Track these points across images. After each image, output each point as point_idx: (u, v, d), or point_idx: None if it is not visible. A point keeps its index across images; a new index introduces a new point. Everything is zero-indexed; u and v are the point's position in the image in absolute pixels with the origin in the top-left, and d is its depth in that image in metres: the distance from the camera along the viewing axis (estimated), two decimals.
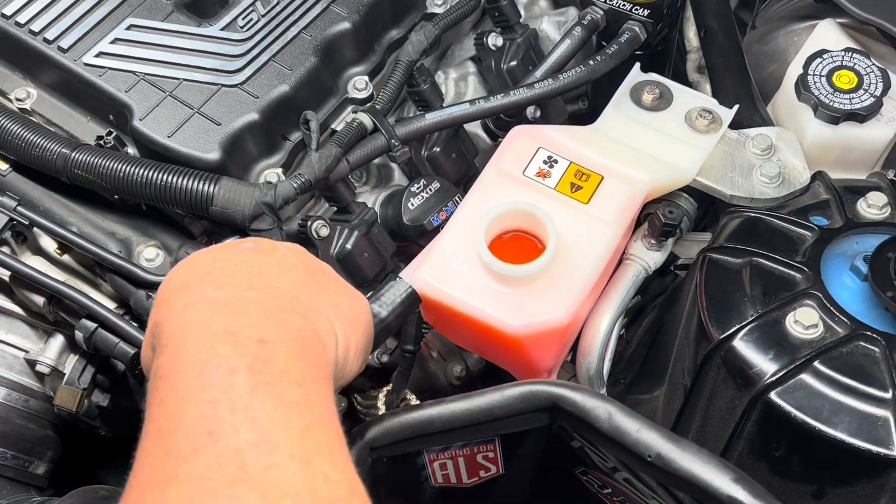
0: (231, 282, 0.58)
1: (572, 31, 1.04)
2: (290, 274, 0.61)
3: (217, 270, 0.59)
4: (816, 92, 0.95)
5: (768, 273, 0.84)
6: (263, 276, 0.60)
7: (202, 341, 0.53)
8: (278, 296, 0.58)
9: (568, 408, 0.74)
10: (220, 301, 0.56)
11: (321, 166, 0.89)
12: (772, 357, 0.77)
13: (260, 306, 0.56)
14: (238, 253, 0.62)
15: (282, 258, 0.63)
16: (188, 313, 0.56)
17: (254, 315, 0.55)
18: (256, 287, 0.58)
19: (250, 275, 0.59)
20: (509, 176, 0.90)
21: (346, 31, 0.97)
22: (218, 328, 0.54)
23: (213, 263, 0.60)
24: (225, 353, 0.52)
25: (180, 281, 0.60)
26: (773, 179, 0.93)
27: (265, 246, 0.64)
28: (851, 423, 0.73)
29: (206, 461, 0.47)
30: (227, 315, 0.55)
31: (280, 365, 0.53)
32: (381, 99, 0.97)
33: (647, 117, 0.97)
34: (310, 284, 0.62)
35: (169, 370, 0.52)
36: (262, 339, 0.54)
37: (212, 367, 0.51)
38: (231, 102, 0.91)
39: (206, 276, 0.59)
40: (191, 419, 0.49)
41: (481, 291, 0.84)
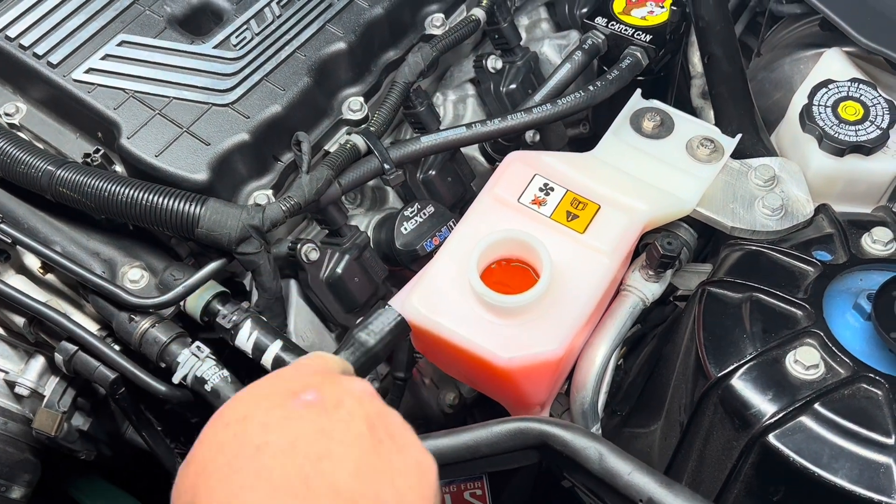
0: (285, 479, 0.50)
1: (573, 56, 1.02)
2: (355, 449, 0.53)
3: (270, 449, 0.52)
4: (821, 123, 0.93)
5: (769, 309, 0.81)
6: (323, 463, 0.51)
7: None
8: (337, 496, 0.50)
9: (557, 447, 0.71)
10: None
11: (311, 189, 0.87)
12: (771, 398, 0.75)
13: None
14: (295, 416, 0.53)
15: (349, 422, 0.54)
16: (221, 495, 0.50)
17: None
18: (313, 490, 0.50)
19: (307, 459, 0.51)
20: (504, 203, 0.88)
21: (342, 51, 0.96)
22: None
23: (266, 434, 0.53)
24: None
25: (227, 449, 0.52)
26: (775, 211, 0.90)
27: (329, 401, 0.55)
28: (852, 469, 0.71)
29: None
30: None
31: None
32: (376, 121, 0.95)
33: (647, 145, 0.94)
34: (374, 464, 0.53)
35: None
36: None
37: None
38: (221, 122, 0.89)
39: (256, 454, 0.51)
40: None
41: (472, 322, 0.82)
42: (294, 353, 0.84)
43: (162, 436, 0.92)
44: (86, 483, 1.06)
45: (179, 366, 0.83)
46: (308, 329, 0.95)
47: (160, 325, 0.86)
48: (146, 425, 0.91)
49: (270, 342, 0.84)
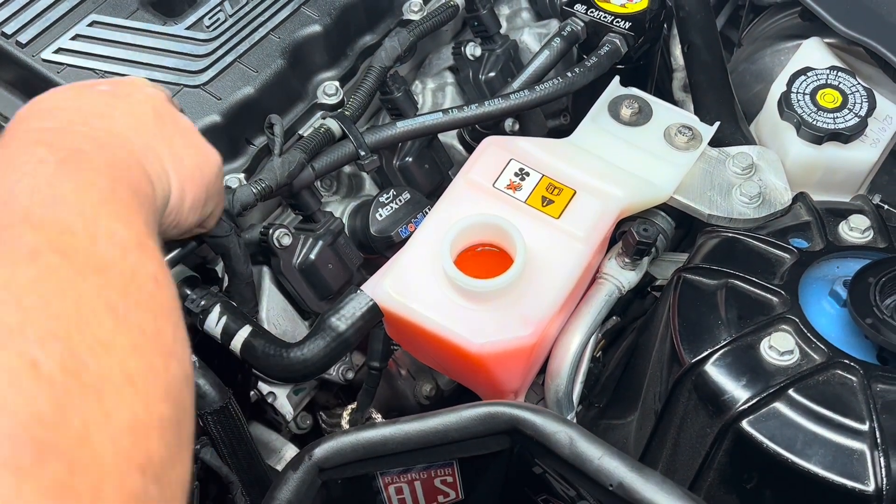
0: (67, 117, 0.57)
1: (551, 43, 1.01)
2: (134, 119, 0.61)
3: (60, 109, 0.58)
4: (800, 110, 0.92)
5: (744, 296, 0.80)
6: (104, 119, 0.59)
7: (20, 141, 0.53)
8: (111, 134, 0.58)
9: (528, 431, 0.70)
10: (49, 129, 0.55)
11: (283, 171, 0.86)
12: (744, 384, 0.74)
13: (86, 136, 0.56)
14: (87, 94, 0.61)
15: (133, 104, 0.62)
16: (18, 131, 0.55)
17: (76, 138, 0.55)
18: (90, 125, 0.57)
19: (90, 115, 0.58)
20: (479, 187, 0.87)
21: (317, 34, 0.94)
22: (39, 137, 0.53)
23: (59, 102, 0.59)
24: (39, 153, 0.51)
25: (22, 114, 0.58)
26: (752, 199, 0.89)
27: (121, 90, 0.63)
28: (826, 455, 0.70)
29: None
30: (50, 136, 0.54)
31: (94, 165, 0.52)
32: (351, 105, 0.94)
33: (624, 132, 0.94)
34: (152, 132, 0.61)
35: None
36: (78, 149, 0.53)
37: (22, 160, 0.50)
38: (192, 103, 0.88)
39: (48, 111, 0.58)
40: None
41: (445, 307, 0.81)
42: (264, 337, 0.83)
43: None
44: None
45: None
46: (280, 316, 0.94)
47: None
48: None
49: (239, 327, 0.83)
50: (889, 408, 0.71)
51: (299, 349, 0.81)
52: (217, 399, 0.80)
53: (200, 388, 0.80)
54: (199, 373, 0.81)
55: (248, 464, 0.84)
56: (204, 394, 0.80)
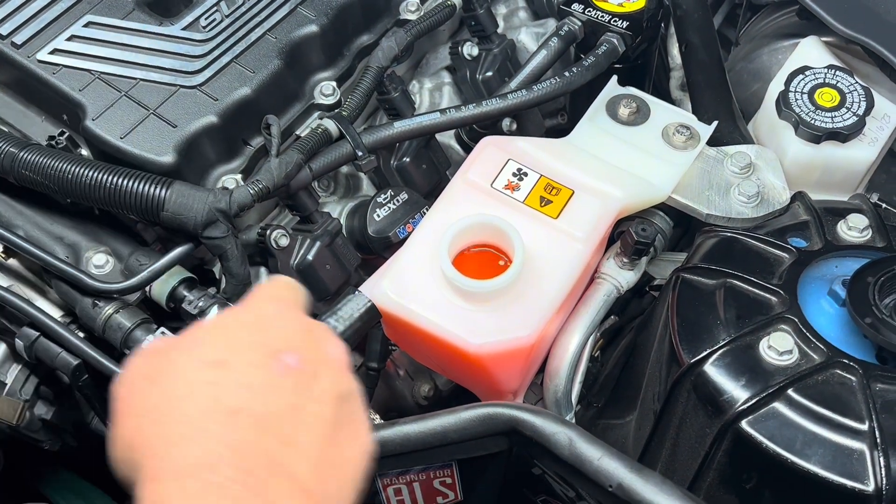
0: (252, 458, 0.50)
1: (549, 42, 1.01)
2: (319, 443, 0.52)
3: (245, 418, 0.51)
4: (798, 109, 0.92)
5: (743, 295, 0.80)
6: (289, 450, 0.51)
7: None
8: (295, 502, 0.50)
9: (527, 432, 0.70)
10: (237, 499, 0.48)
11: (280, 173, 0.85)
12: (744, 384, 0.74)
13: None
14: (276, 388, 0.52)
15: (319, 403, 0.53)
16: (200, 496, 0.48)
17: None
18: (276, 479, 0.50)
19: (275, 445, 0.51)
20: (477, 188, 0.87)
21: (314, 34, 0.94)
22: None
23: (242, 399, 0.51)
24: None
25: (199, 399, 0.51)
26: (751, 199, 0.89)
27: (308, 371, 0.54)
28: (825, 455, 0.70)
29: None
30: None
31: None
32: (349, 105, 0.93)
33: (622, 132, 0.93)
34: (330, 461, 0.53)
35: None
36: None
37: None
38: (189, 104, 0.87)
39: (230, 419, 0.50)
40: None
41: (443, 307, 0.81)
42: None
43: None
44: (50, 474, 1.04)
45: None
46: None
47: (125, 310, 0.84)
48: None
49: None
50: (888, 407, 0.71)
51: None
52: None
53: None
54: None
55: None
56: None
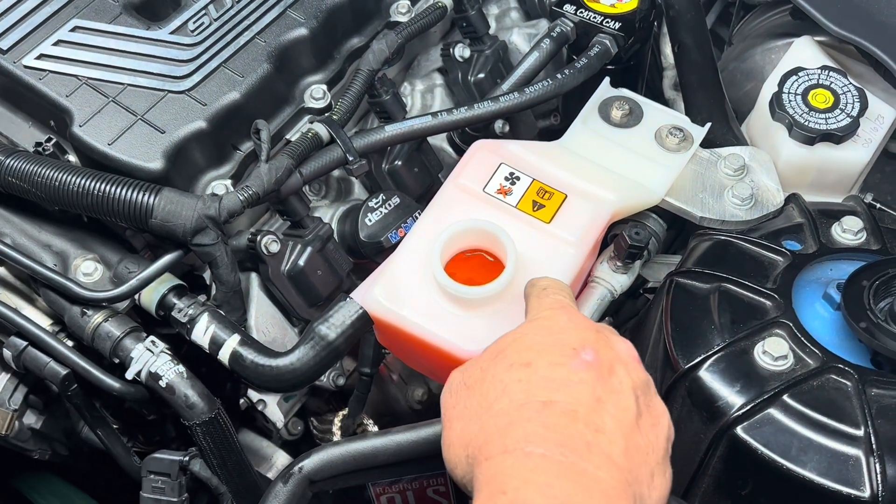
0: (569, 439, 0.56)
1: (541, 44, 1.00)
2: (624, 429, 0.58)
3: (557, 408, 0.57)
4: (791, 111, 0.92)
5: (737, 300, 0.79)
6: (600, 436, 0.57)
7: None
8: (612, 476, 0.56)
9: None
10: (562, 467, 0.55)
11: (271, 178, 0.84)
12: (739, 389, 0.73)
13: (600, 490, 0.55)
14: (578, 382, 0.59)
15: (618, 394, 0.59)
16: (530, 465, 0.55)
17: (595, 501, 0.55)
18: (593, 456, 0.56)
19: (588, 431, 0.57)
20: (469, 192, 0.86)
21: (303, 37, 0.93)
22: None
23: (551, 392, 0.58)
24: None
25: (513, 395, 0.59)
26: (745, 201, 0.89)
27: (604, 365, 0.60)
28: (821, 461, 0.69)
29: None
30: (569, 489, 0.54)
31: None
32: (339, 109, 0.93)
33: (615, 134, 0.93)
34: (637, 446, 0.59)
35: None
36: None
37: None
38: (177, 109, 0.87)
39: (543, 409, 0.57)
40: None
41: (436, 314, 0.80)
42: (252, 347, 0.82)
43: (118, 434, 0.90)
44: (40, 482, 1.03)
45: (133, 361, 0.81)
46: (269, 324, 0.93)
47: (113, 319, 0.83)
48: (101, 423, 0.88)
49: (227, 336, 0.82)
50: (884, 412, 0.70)
51: (288, 359, 0.80)
52: (205, 410, 0.79)
53: (188, 399, 0.79)
54: (187, 383, 0.80)
55: (238, 474, 0.83)
56: (192, 405, 0.79)
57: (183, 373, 0.80)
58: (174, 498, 0.81)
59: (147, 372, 0.80)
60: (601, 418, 0.58)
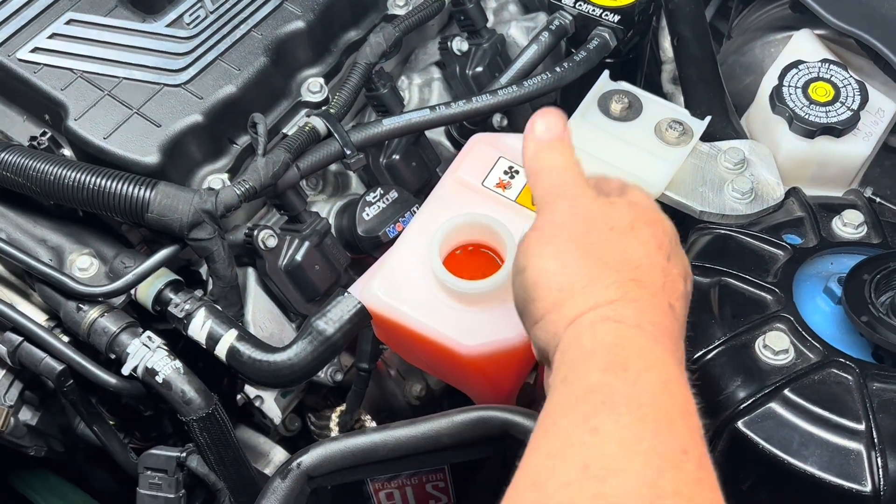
0: (654, 246, 0.64)
1: (539, 37, 0.99)
2: (667, 247, 0.66)
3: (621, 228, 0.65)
4: (791, 104, 0.91)
5: (738, 294, 0.79)
6: (662, 244, 0.65)
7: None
8: (664, 319, 0.62)
9: (521, 436, 0.69)
10: (627, 325, 0.60)
11: (268, 172, 0.84)
12: (740, 384, 0.73)
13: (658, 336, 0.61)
14: (619, 205, 0.67)
15: (654, 234, 0.66)
16: (596, 331, 0.60)
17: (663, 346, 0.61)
18: (672, 260, 0.64)
19: (654, 241, 0.65)
20: (468, 186, 0.86)
21: (300, 30, 0.92)
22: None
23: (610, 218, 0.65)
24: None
25: (574, 272, 0.63)
26: (745, 195, 0.88)
27: (639, 214, 0.67)
28: (822, 455, 0.69)
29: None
30: (642, 343, 0.60)
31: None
32: (337, 103, 0.92)
33: (614, 127, 0.92)
34: (679, 256, 0.67)
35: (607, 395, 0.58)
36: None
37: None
38: (173, 103, 0.86)
39: (603, 269, 0.62)
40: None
41: (434, 308, 0.79)
42: (249, 342, 0.81)
43: (114, 430, 0.89)
44: (36, 479, 1.02)
45: (129, 356, 0.80)
46: (267, 319, 0.92)
47: (109, 314, 0.82)
48: (97, 419, 0.87)
49: (224, 331, 0.81)
50: (885, 407, 0.70)
51: (286, 354, 0.80)
52: (202, 406, 0.79)
53: (185, 395, 0.79)
54: (184, 379, 0.80)
55: (236, 470, 0.82)
56: (189, 400, 0.79)
57: (179, 368, 0.80)
58: (171, 494, 0.80)
59: (143, 367, 0.80)
60: (654, 232, 0.66)
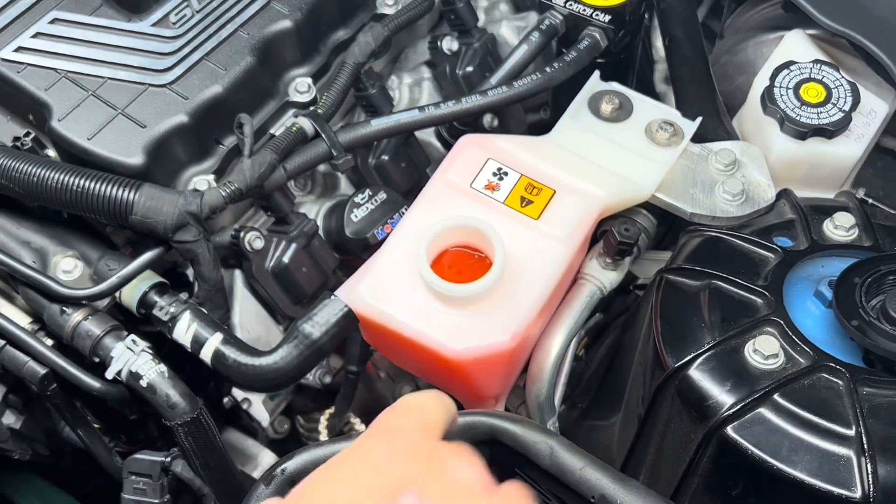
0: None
1: (530, 37, 0.99)
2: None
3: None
4: (783, 105, 0.90)
5: (728, 297, 0.78)
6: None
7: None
8: None
9: (507, 442, 0.68)
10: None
11: (254, 173, 0.83)
12: (729, 388, 0.72)
13: None
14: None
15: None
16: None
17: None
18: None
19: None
20: (456, 188, 0.85)
21: (288, 29, 0.91)
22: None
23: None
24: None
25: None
26: (736, 197, 0.88)
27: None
28: (812, 461, 0.68)
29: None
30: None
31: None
32: (325, 103, 0.91)
33: (605, 128, 0.91)
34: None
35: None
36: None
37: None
38: (158, 103, 0.85)
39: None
40: None
41: (422, 312, 0.78)
42: (235, 346, 0.80)
43: (99, 434, 0.88)
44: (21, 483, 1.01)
45: (113, 360, 0.79)
46: (254, 322, 0.91)
47: (93, 317, 0.81)
48: (82, 423, 0.86)
49: (210, 335, 0.80)
50: (875, 412, 0.69)
51: (271, 358, 0.79)
52: (187, 410, 0.78)
53: (170, 399, 0.78)
54: (168, 383, 0.79)
55: (222, 475, 0.82)
56: (173, 405, 0.78)
57: (164, 372, 0.79)
58: (156, 499, 0.79)
59: (127, 371, 0.79)
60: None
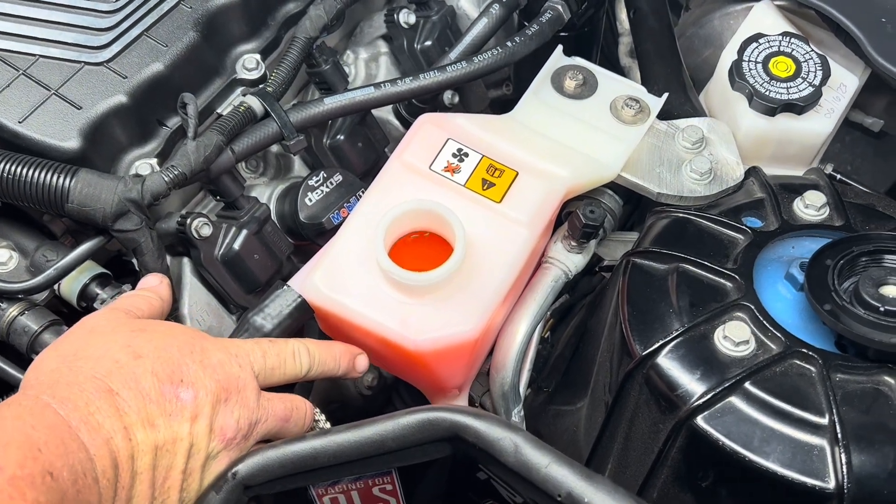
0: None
1: (490, 9, 0.95)
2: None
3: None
4: (751, 80, 0.88)
5: (696, 281, 0.76)
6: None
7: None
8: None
9: (470, 438, 0.65)
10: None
11: (199, 156, 0.78)
12: (698, 377, 0.70)
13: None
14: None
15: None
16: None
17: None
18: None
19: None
20: (415, 170, 0.81)
21: (234, 2, 0.86)
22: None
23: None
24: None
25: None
26: (703, 176, 0.85)
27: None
28: (784, 452, 0.66)
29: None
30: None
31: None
32: (274, 80, 0.86)
33: (568, 106, 0.88)
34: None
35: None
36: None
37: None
38: (95, 83, 0.80)
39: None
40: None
41: (380, 302, 0.75)
42: None
43: None
44: None
45: None
46: (204, 312, 0.87)
47: (31, 312, 0.77)
48: None
49: None
50: (849, 399, 0.67)
51: None
52: None
53: None
54: None
55: None
56: None
57: None
58: None
59: None
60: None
